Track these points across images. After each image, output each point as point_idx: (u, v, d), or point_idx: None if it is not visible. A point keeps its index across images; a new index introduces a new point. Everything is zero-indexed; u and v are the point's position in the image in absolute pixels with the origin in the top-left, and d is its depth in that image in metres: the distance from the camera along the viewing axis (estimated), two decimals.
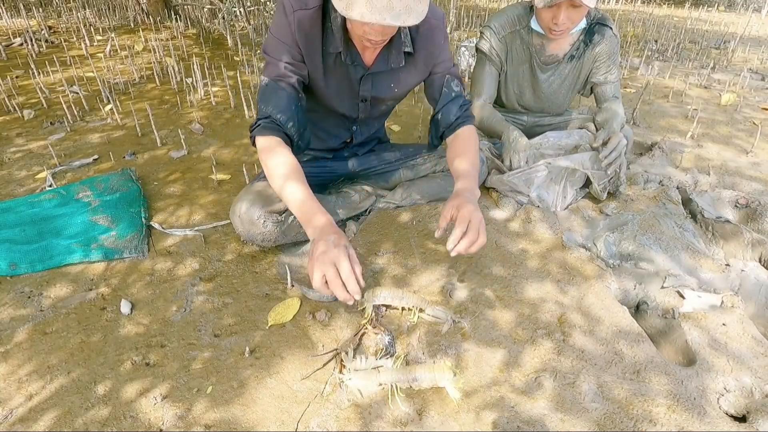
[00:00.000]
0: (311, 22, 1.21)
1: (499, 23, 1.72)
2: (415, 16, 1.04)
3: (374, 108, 1.44)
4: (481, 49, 1.77)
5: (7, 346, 1.13)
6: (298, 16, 1.19)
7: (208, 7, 4.50)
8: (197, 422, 0.97)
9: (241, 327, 1.19)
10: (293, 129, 1.26)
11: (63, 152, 2.06)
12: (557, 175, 1.66)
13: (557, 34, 1.58)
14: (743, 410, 1.04)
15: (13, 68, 3.17)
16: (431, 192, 1.63)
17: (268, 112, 1.23)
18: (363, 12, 1.01)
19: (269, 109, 1.23)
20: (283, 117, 1.23)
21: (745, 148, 2.27)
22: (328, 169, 1.59)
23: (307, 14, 1.20)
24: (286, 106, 1.24)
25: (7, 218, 1.54)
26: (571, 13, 1.50)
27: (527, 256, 1.44)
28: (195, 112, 2.53)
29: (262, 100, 1.25)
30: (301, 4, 1.19)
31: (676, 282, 1.37)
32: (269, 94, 1.24)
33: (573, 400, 1.02)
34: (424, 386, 1.01)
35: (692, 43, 4.55)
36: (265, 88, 1.26)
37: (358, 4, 1.01)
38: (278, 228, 1.35)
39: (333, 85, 1.33)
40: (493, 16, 1.76)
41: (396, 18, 1.02)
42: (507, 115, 1.97)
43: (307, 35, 1.22)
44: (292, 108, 1.25)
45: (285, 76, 1.24)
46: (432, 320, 1.17)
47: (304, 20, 1.20)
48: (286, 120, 1.24)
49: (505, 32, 1.73)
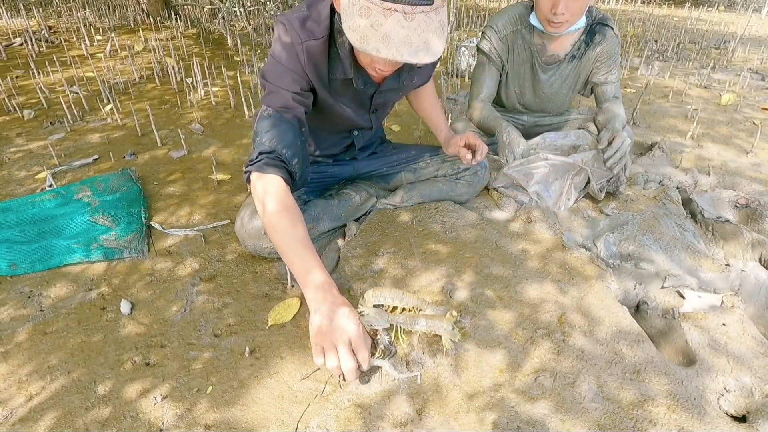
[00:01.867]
0: (321, 52, 1.16)
1: (500, 23, 1.72)
2: (433, 54, 0.97)
3: (383, 112, 1.48)
4: (482, 49, 1.77)
5: (7, 346, 1.13)
6: (308, 47, 1.14)
7: (208, 7, 4.50)
8: (197, 422, 0.97)
9: (241, 327, 1.19)
10: (297, 166, 1.18)
11: (63, 152, 2.06)
12: (560, 174, 1.66)
13: (556, 27, 1.57)
14: (743, 410, 1.04)
15: (13, 68, 3.18)
16: (432, 196, 1.63)
17: (273, 146, 1.14)
18: (378, 46, 0.94)
19: (274, 143, 1.14)
20: (289, 152, 1.15)
21: (745, 148, 2.27)
22: (329, 174, 1.58)
23: (317, 44, 1.14)
24: (292, 141, 1.16)
25: (7, 218, 1.54)
26: (570, 3, 1.50)
27: (527, 256, 1.44)
28: (195, 112, 2.53)
29: (265, 132, 1.15)
30: (309, 35, 1.13)
31: (676, 282, 1.37)
32: (274, 127, 1.15)
33: (573, 400, 1.02)
34: (423, 330, 1.11)
35: (692, 43, 4.55)
36: (268, 119, 1.16)
37: (373, 38, 0.94)
38: None
39: (341, 105, 1.32)
40: (495, 16, 1.76)
41: (413, 54, 0.95)
42: (507, 115, 1.97)
43: (316, 65, 1.18)
44: (298, 144, 1.18)
45: (292, 108, 1.17)
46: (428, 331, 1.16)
47: (315, 51, 1.15)
48: (291, 156, 1.15)
49: (507, 32, 1.72)
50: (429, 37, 0.95)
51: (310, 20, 1.14)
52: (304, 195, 1.49)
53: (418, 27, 0.94)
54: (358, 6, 0.95)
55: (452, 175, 1.63)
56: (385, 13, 0.93)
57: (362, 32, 0.95)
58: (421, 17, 0.94)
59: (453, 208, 1.60)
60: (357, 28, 0.96)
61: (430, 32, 0.96)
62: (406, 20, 0.93)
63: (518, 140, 1.67)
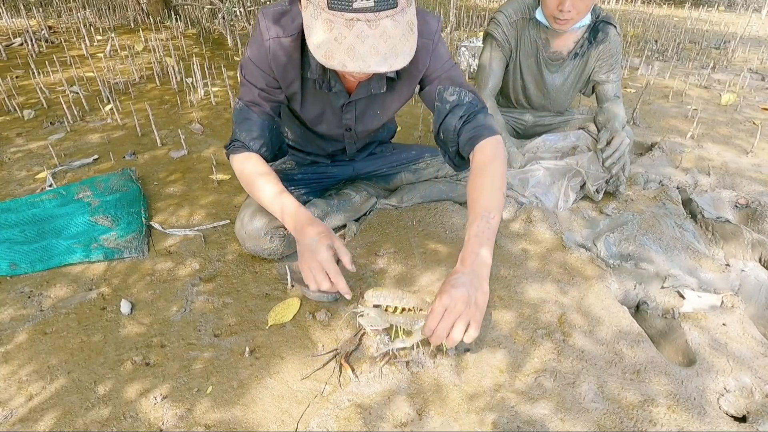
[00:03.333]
0: (289, 50, 1.14)
1: (512, 8, 1.72)
2: (403, 58, 0.93)
3: (359, 135, 1.42)
4: (492, 34, 1.76)
5: (7, 346, 1.13)
6: (274, 45, 1.12)
7: (208, 7, 4.50)
8: (197, 422, 0.97)
9: (241, 327, 1.19)
10: (267, 153, 1.27)
11: (63, 152, 2.06)
12: (558, 176, 1.66)
13: (561, 24, 1.57)
14: (743, 410, 1.03)
15: (13, 68, 3.18)
16: (432, 196, 1.62)
17: (242, 138, 1.24)
18: (344, 60, 0.90)
19: (243, 135, 1.24)
20: (256, 144, 1.24)
21: (745, 148, 2.27)
22: (329, 174, 1.58)
23: (284, 42, 1.12)
24: (258, 134, 1.24)
25: (7, 218, 1.54)
26: (577, 1, 1.50)
27: (527, 257, 1.44)
28: (195, 112, 2.53)
29: (236, 123, 1.25)
30: (278, 31, 1.11)
31: (676, 282, 1.37)
32: (242, 120, 1.23)
33: (573, 400, 1.02)
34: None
35: (692, 43, 4.55)
36: (239, 111, 1.24)
37: (338, 52, 0.90)
38: (284, 242, 1.35)
39: (314, 110, 1.30)
40: (506, 3, 1.76)
41: (382, 63, 0.91)
42: (509, 113, 1.97)
43: (283, 64, 1.16)
44: (266, 134, 1.25)
45: (258, 103, 1.22)
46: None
47: (280, 49, 1.13)
48: (259, 147, 1.24)
49: (517, 17, 1.72)
50: (396, 43, 0.91)
51: (286, 16, 1.12)
52: (304, 195, 1.49)
53: (384, 33, 0.90)
54: (320, 20, 0.91)
55: (453, 176, 1.63)
56: (347, 24, 0.89)
57: (326, 47, 0.91)
58: (386, 22, 0.89)
59: (453, 208, 1.60)
60: (321, 44, 0.92)
61: (398, 37, 0.91)
62: (371, 28, 0.89)
63: (516, 156, 1.68)
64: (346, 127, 1.36)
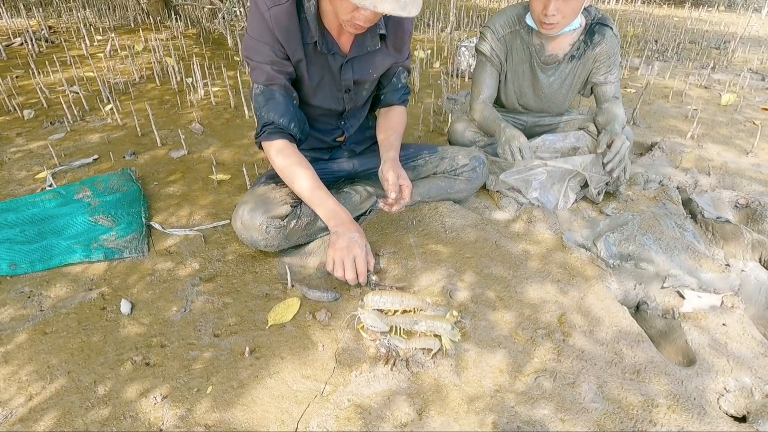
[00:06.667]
0: (288, 16, 1.22)
1: (499, 23, 1.73)
2: (417, 6, 1.11)
3: (357, 95, 1.46)
4: (481, 50, 1.77)
5: (7, 347, 1.13)
6: (274, 13, 1.21)
7: (208, 7, 4.50)
8: (197, 422, 0.97)
9: (241, 327, 1.19)
10: (296, 129, 1.33)
11: (63, 152, 2.06)
12: (558, 179, 1.66)
13: (548, 28, 1.57)
14: (743, 410, 1.04)
15: (13, 68, 3.18)
16: (432, 193, 1.62)
17: (271, 118, 1.29)
18: (375, 2, 1.06)
19: (271, 115, 1.29)
20: (285, 120, 1.30)
21: (745, 148, 2.27)
22: (328, 171, 1.58)
23: (282, 9, 1.21)
24: (285, 110, 1.30)
25: (7, 218, 1.54)
26: (561, 5, 1.50)
27: (528, 257, 1.44)
28: (195, 112, 2.53)
29: (262, 108, 1.30)
30: (274, 0, 1.20)
31: (676, 282, 1.37)
32: (266, 101, 1.30)
33: (573, 400, 1.02)
34: (423, 331, 1.12)
35: (692, 43, 4.55)
36: (260, 95, 1.30)
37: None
38: (281, 233, 1.35)
39: (316, 77, 1.35)
40: (494, 17, 1.76)
41: (403, 8, 1.09)
42: (507, 115, 1.97)
43: (286, 30, 1.23)
44: (291, 109, 1.32)
45: (274, 78, 1.28)
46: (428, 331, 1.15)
47: (281, 15, 1.22)
48: (288, 122, 1.31)
49: (505, 32, 1.73)
50: None
51: None
52: None
53: None
54: None
55: (450, 171, 1.63)
56: None
57: None
58: None
59: (453, 208, 1.60)
60: None
61: None
62: None
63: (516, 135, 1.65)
64: (346, 88, 1.42)
